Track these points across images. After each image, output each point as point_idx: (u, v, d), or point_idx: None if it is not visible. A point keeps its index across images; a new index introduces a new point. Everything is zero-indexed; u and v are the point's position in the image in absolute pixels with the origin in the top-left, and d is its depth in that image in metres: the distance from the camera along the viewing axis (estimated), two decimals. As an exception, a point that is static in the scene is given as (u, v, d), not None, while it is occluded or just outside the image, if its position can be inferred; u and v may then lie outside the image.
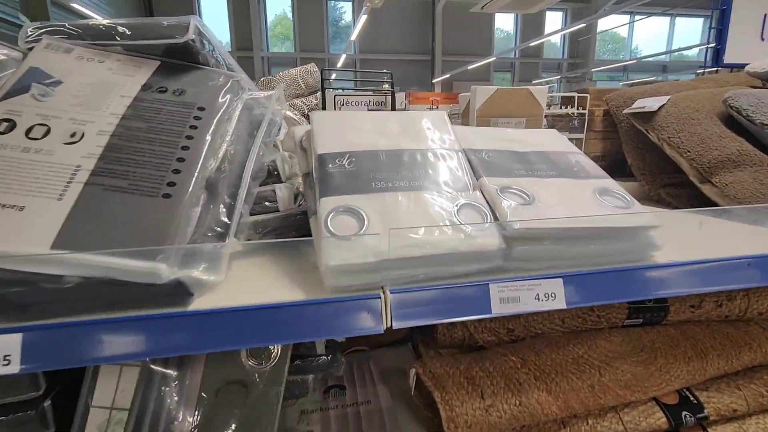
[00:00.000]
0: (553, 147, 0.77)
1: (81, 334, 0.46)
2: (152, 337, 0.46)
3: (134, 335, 0.46)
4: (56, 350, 0.46)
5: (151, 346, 0.46)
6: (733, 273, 0.62)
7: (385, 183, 0.60)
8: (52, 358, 0.46)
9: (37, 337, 0.46)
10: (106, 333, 0.46)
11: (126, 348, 0.46)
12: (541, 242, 0.57)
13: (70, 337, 0.46)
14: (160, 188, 0.51)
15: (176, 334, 0.47)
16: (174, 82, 0.61)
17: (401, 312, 0.53)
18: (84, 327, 0.46)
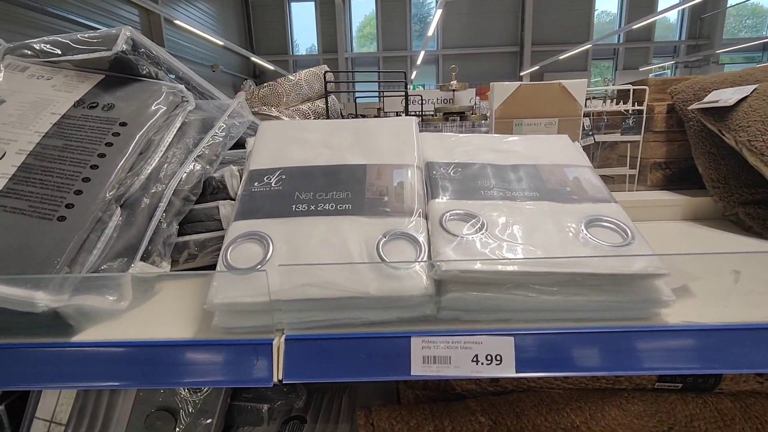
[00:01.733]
0: (551, 159, 0.61)
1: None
2: (20, 366, 0.44)
3: (8, 363, 0.45)
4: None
5: (18, 377, 0.44)
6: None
7: (308, 206, 0.52)
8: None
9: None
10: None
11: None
12: (485, 289, 0.44)
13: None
14: (57, 210, 0.49)
15: (37, 369, 0.44)
16: (108, 97, 0.59)
17: (296, 364, 0.44)
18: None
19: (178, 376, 0.45)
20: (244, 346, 0.45)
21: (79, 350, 0.45)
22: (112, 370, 0.44)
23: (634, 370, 0.43)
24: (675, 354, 0.43)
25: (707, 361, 0.43)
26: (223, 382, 0.45)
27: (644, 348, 0.43)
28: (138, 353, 0.45)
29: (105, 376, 0.44)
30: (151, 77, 0.64)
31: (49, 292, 0.45)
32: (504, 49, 13.34)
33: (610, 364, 0.43)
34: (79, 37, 0.61)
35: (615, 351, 0.43)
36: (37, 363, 0.45)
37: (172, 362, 0.44)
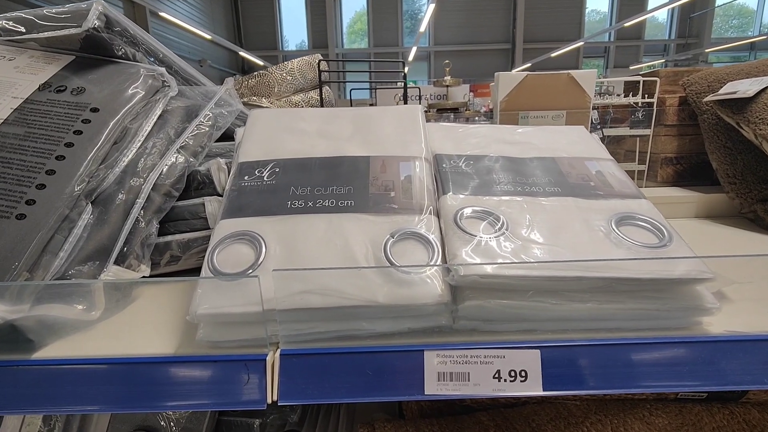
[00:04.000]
0: (570, 151, 0.56)
1: None
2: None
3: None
4: None
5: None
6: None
7: (306, 202, 0.46)
8: None
9: None
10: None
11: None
12: (508, 296, 0.39)
13: None
14: (15, 207, 0.42)
15: (1, 388, 0.38)
16: (77, 80, 0.53)
17: (293, 382, 0.39)
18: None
19: (157, 399, 0.39)
20: (234, 363, 0.39)
21: (41, 368, 0.39)
22: (81, 391, 0.38)
23: (678, 387, 0.38)
24: (721, 368, 0.38)
25: (756, 375, 0.38)
26: (210, 405, 0.39)
27: (688, 361, 0.38)
28: (111, 371, 0.39)
29: (72, 400, 0.38)
30: (127, 59, 0.57)
31: (6, 301, 0.38)
32: (496, 46, 13.32)
33: (649, 381, 0.38)
34: (45, 13, 0.55)
35: (654, 365, 0.38)
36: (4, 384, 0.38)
37: (150, 382, 0.38)
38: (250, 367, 0.39)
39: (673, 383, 0.38)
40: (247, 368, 0.39)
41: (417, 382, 0.38)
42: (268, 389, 0.39)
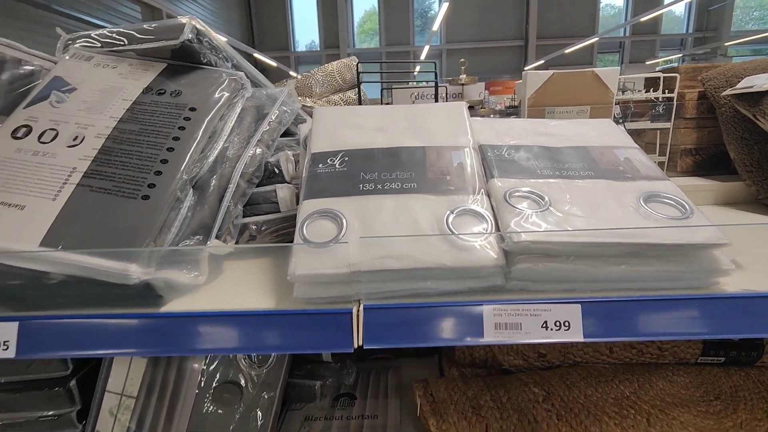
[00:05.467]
0: (599, 141, 0.64)
1: (63, 329, 0.48)
2: (118, 335, 0.47)
3: (100, 335, 0.47)
4: (47, 340, 0.49)
5: (117, 344, 0.47)
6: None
7: (375, 185, 0.54)
8: (44, 347, 0.49)
9: (33, 326, 0.49)
10: (81, 330, 0.48)
11: (96, 345, 0.48)
12: (553, 259, 0.47)
13: (58, 329, 0.49)
14: (140, 190, 0.51)
15: (137, 336, 0.47)
16: (173, 84, 0.62)
17: (375, 331, 0.47)
18: (63, 323, 0.48)
19: (263, 344, 0.47)
20: (326, 315, 0.47)
21: (172, 320, 0.48)
22: (203, 337, 0.47)
23: (695, 335, 0.45)
24: (735, 320, 0.45)
25: (766, 325, 0.45)
26: (307, 349, 0.47)
27: (706, 315, 0.45)
28: (226, 322, 0.47)
29: (196, 344, 0.47)
30: (210, 65, 0.66)
31: (139, 264, 0.47)
32: (508, 43, 13.28)
33: (673, 330, 0.45)
34: (143, 27, 0.64)
35: (678, 318, 0.46)
36: (135, 331, 0.47)
37: (257, 330, 0.47)
38: (339, 318, 0.47)
39: (693, 332, 0.46)
40: (336, 320, 0.47)
41: (477, 330, 0.46)
42: (354, 336, 0.47)
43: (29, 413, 0.66)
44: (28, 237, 0.48)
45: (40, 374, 0.65)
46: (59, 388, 0.65)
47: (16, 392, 0.66)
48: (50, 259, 0.47)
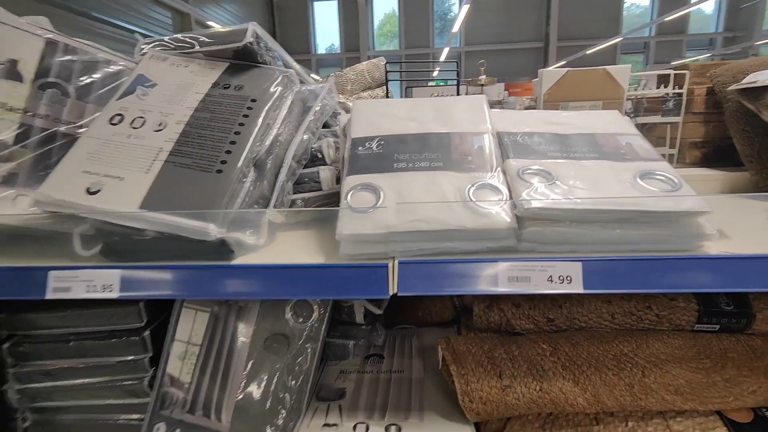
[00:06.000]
0: (605, 129, 0.72)
1: (156, 276, 0.60)
2: (197, 284, 0.58)
3: (185, 281, 0.59)
4: (141, 285, 0.61)
5: (197, 290, 0.59)
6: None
7: (407, 163, 0.64)
8: (139, 290, 0.61)
9: (131, 273, 0.61)
10: (166, 278, 0.59)
11: (182, 290, 0.59)
12: (558, 224, 0.56)
13: (149, 275, 0.61)
14: (214, 165, 0.63)
15: (215, 282, 0.58)
16: (236, 80, 0.73)
17: (408, 281, 0.57)
18: (157, 271, 0.60)
19: (317, 291, 0.58)
20: (367, 268, 0.57)
21: (240, 269, 0.59)
22: (268, 285, 0.58)
23: (680, 289, 0.54)
24: (715, 277, 0.53)
25: (741, 283, 0.53)
26: (352, 294, 0.58)
27: (690, 272, 0.54)
28: (287, 273, 0.58)
29: (262, 290, 0.58)
30: (265, 63, 0.77)
31: (217, 224, 0.58)
32: (528, 45, 13.21)
33: (661, 285, 0.54)
34: (211, 32, 0.76)
35: (665, 275, 0.54)
36: (211, 280, 0.58)
37: (312, 280, 0.58)
38: (378, 271, 0.57)
39: (678, 286, 0.54)
40: (375, 272, 0.57)
41: (493, 281, 0.56)
42: (389, 286, 0.57)
43: (110, 358, 0.78)
44: (129, 201, 0.60)
45: (119, 325, 0.78)
46: (135, 338, 0.77)
47: (100, 340, 0.78)
48: (147, 219, 0.58)
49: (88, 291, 0.60)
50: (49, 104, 0.70)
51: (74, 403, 0.82)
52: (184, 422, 0.73)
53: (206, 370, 0.75)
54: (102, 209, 0.59)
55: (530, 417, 0.68)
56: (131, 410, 0.81)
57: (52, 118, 0.69)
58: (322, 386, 0.79)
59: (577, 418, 0.67)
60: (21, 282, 0.61)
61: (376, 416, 0.70)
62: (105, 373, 0.79)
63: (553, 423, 0.67)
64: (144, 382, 0.78)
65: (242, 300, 0.76)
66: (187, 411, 0.74)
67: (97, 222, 0.60)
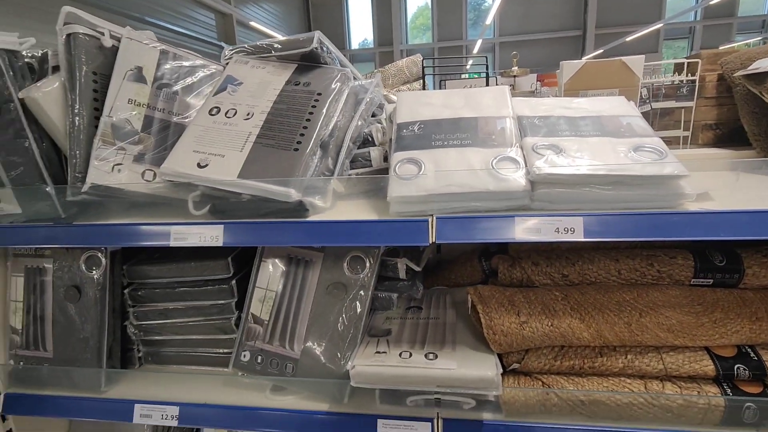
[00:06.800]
0: (610, 112, 0.85)
1: (251, 228, 0.79)
2: (282, 234, 0.77)
3: (274, 232, 0.78)
4: (240, 236, 0.80)
5: (280, 239, 0.77)
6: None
7: (442, 142, 0.80)
8: (238, 240, 0.80)
9: (230, 228, 0.80)
10: (259, 230, 0.78)
11: (271, 239, 0.78)
12: (563, 187, 0.70)
13: (246, 228, 0.80)
14: (292, 145, 0.81)
15: (296, 233, 0.77)
16: (304, 78, 0.91)
17: (443, 232, 0.73)
18: (252, 225, 0.79)
19: (373, 239, 0.75)
20: (412, 222, 0.74)
21: (316, 224, 0.77)
22: (335, 235, 0.76)
23: (663, 237, 0.67)
24: (693, 228, 0.66)
25: (713, 233, 0.66)
26: (401, 242, 0.74)
27: (672, 224, 0.67)
28: (352, 226, 0.76)
29: (331, 239, 0.76)
30: (326, 63, 0.95)
31: (296, 190, 0.77)
32: (564, 33, 12.89)
33: (647, 233, 0.67)
34: (283, 40, 0.94)
35: (653, 226, 0.67)
36: (293, 231, 0.77)
37: (370, 231, 0.75)
38: (420, 224, 0.74)
39: (662, 236, 0.67)
40: (418, 225, 0.74)
41: (511, 231, 0.71)
42: (429, 236, 0.73)
43: (205, 302, 0.99)
44: (229, 173, 0.79)
45: (212, 276, 0.98)
46: (224, 286, 0.98)
47: (198, 287, 0.99)
48: (244, 186, 0.78)
49: (200, 241, 0.80)
50: (164, 100, 0.90)
51: (176, 338, 1.03)
52: (264, 350, 0.93)
53: (281, 310, 0.94)
54: (210, 179, 0.79)
55: (544, 350, 0.83)
56: (219, 345, 1.02)
57: (166, 111, 0.90)
58: (372, 327, 0.96)
59: (584, 352, 0.81)
60: (152, 233, 0.82)
61: (417, 347, 0.86)
62: (200, 313, 1.00)
63: (564, 355, 0.82)
64: (231, 321, 0.99)
65: (309, 255, 0.95)
66: (267, 342, 0.93)
67: (206, 189, 0.80)
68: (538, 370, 0.83)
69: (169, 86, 0.92)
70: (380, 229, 0.75)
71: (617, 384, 0.79)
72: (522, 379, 0.84)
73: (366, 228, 0.75)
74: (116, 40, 0.89)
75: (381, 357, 0.85)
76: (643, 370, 0.79)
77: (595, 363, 0.80)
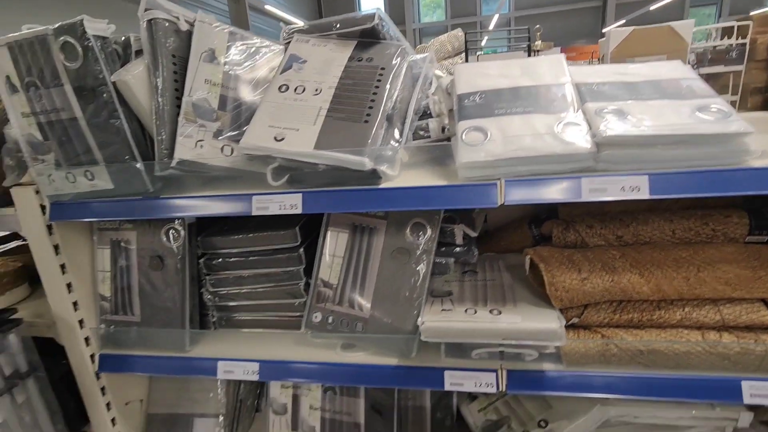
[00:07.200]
0: (668, 75, 0.87)
1: (329, 196, 0.85)
2: (357, 200, 0.83)
3: (350, 199, 0.83)
4: (317, 204, 0.86)
5: (355, 205, 0.83)
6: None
7: (505, 110, 0.84)
8: (317, 206, 0.86)
9: (308, 196, 0.86)
10: (336, 197, 0.84)
11: (348, 205, 0.84)
12: (628, 148, 0.74)
13: (323, 196, 0.86)
14: (361, 117, 0.86)
15: (370, 199, 0.82)
16: (366, 54, 0.95)
17: (512, 194, 0.78)
18: (329, 192, 0.85)
19: (445, 203, 0.80)
20: (481, 186, 0.79)
21: (388, 190, 0.82)
22: (406, 200, 0.81)
23: (726, 192, 0.70)
24: (758, 183, 0.70)
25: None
26: (471, 204, 0.79)
27: (737, 179, 0.70)
28: (422, 191, 0.81)
29: (402, 203, 0.81)
30: (384, 39, 0.99)
31: (369, 158, 0.82)
32: (584, 4, 12.46)
33: (709, 189, 0.71)
34: (342, 18, 0.98)
35: (719, 181, 0.70)
36: (365, 198, 0.83)
37: (441, 195, 0.80)
38: (489, 188, 0.78)
39: (725, 191, 0.70)
40: (487, 188, 0.79)
41: (577, 193, 0.75)
42: (498, 198, 0.78)
43: (275, 269, 1.07)
44: (306, 144, 0.85)
45: (281, 245, 1.05)
46: (293, 254, 1.05)
47: (268, 256, 1.06)
48: (321, 156, 0.83)
49: (280, 209, 0.87)
50: (234, 79, 0.96)
51: (248, 303, 1.12)
52: (334, 311, 1.00)
53: (349, 274, 1.01)
54: (289, 151, 0.85)
55: (603, 305, 0.88)
56: (289, 309, 1.10)
57: (237, 89, 0.96)
58: (433, 289, 1.02)
59: (642, 305, 0.86)
60: (236, 203, 0.89)
61: (479, 305, 0.92)
62: (271, 280, 1.08)
63: (623, 309, 0.87)
64: (299, 286, 1.06)
65: (373, 223, 1.01)
66: (336, 304, 1.00)
67: (284, 160, 0.86)
68: (597, 323, 0.88)
69: (239, 65, 0.97)
70: (451, 193, 0.80)
71: (674, 335, 0.84)
72: (581, 332, 0.89)
73: (438, 193, 0.80)
74: (189, 24, 0.95)
75: (447, 314, 0.91)
76: (700, 321, 0.83)
77: (653, 316, 0.85)
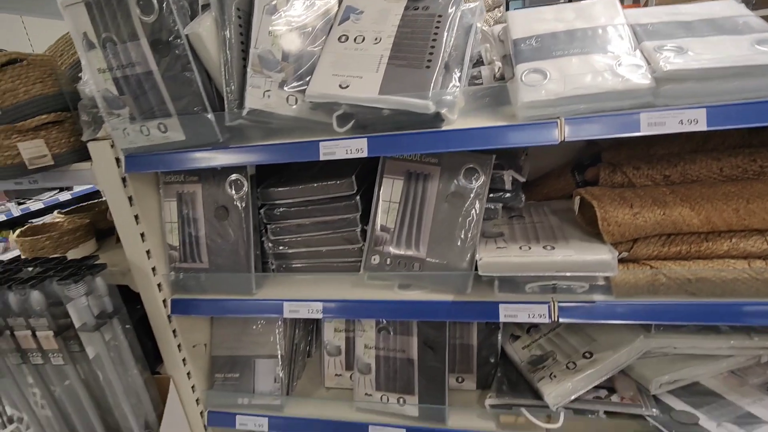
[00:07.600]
0: (722, 14, 0.89)
1: (394, 140, 0.90)
2: (421, 143, 0.88)
3: (415, 141, 0.88)
4: (381, 147, 0.91)
5: (419, 147, 0.88)
6: None
7: (563, 52, 0.87)
8: (381, 151, 0.92)
9: (372, 140, 0.91)
10: (400, 140, 0.89)
11: (412, 148, 0.89)
12: (687, 82, 0.77)
13: (389, 140, 0.91)
14: (423, 63, 0.90)
15: (434, 141, 0.87)
16: (420, 2, 0.98)
17: (572, 131, 0.82)
18: (394, 136, 0.90)
19: (506, 142, 0.85)
20: (541, 124, 0.83)
21: (451, 132, 0.87)
22: (467, 141, 0.86)
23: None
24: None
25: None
26: (533, 142, 0.84)
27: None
28: (483, 132, 0.85)
29: (468, 144, 0.86)
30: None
31: (432, 102, 0.86)
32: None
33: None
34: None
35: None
36: (426, 140, 0.88)
37: (501, 135, 0.85)
38: (550, 126, 0.83)
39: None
40: (548, 126, 0.83)
41: (636, 126, 0.79)
42: (558, 135, 0.82)
43: (333, 216, 1.13)
44: (370, 91, 0.89)
45: (338, 193, 1.11)
46: (350, 201, 1.11)
47: (326, 204, 1.12)
48: (386, 101, 0.88)
49: (347, 153, 0.92)
50: (296, 30, 1.00)
51: (306, 250, 1.19)
52: (391, 253, 1.07)
53: (405, 218, 1.07)
54: (355, 96, 0.89)
55: (652, 238, 0.93)
56: (345, 254, 1.17)
57: (298, 41, 1.00)
58: (484, 231, 1.08)
59: (691, 238, 0.91)
60: (303, 150, 0.94)
61: (532, 242, 0.98)
62: (329, 227, 1.15)
63: (672, 242, 0.92)
64: (356, 232, 1.13)
65: (427, 169, 1.06)
66: (394, 246, 1.07)
67: (349, 107, 0.91)
68: (645, 256, 0.93)
69: (299, 17, 1.00)
70: (512, 133, 0.84)
71: (721, 265, 0.89)
72: (630, 266, 0.94)
73: (499, 132, 0.85)
74: (250, -22, 0.98)
75: (502, 251, 0.97)
76: (747, 251, 0.88)
77: (701, 247, 0.90)
